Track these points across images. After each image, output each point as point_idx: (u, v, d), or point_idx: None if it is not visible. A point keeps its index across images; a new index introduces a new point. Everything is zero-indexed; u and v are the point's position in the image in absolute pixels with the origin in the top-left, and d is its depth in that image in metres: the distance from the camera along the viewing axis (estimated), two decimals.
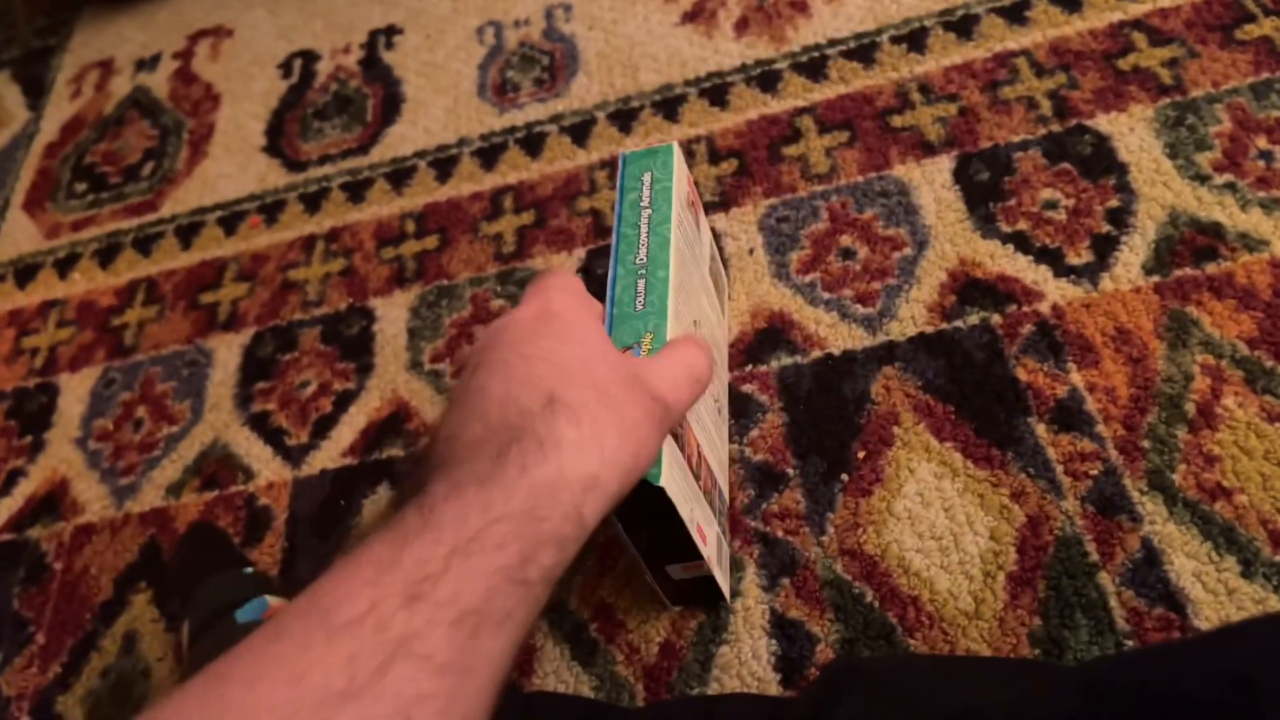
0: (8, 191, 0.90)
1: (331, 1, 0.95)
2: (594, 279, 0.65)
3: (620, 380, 0.34)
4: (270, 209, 0.80)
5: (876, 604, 0.49)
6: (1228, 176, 0.57)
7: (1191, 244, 0.55)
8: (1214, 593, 0.45)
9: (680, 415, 0.37)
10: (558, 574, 0.29)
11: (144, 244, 0.81)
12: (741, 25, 0.77)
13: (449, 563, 0.26)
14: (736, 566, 0.52)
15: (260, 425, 0.67)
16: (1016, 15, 0.69)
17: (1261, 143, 0.58)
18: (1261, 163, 0.57)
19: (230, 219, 0.80)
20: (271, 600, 0.53)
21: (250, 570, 0.57)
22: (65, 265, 0.82)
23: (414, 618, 0.25)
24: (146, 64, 0.97)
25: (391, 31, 0.90)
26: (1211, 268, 0.54)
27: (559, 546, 0.29)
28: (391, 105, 0.83)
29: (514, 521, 0.28)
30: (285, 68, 0.91)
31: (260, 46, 0.94)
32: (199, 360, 0.72)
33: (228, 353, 0.71)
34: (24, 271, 0.83)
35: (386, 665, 0.24)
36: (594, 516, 0.30)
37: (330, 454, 0.64)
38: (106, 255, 0.81)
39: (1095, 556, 0.47)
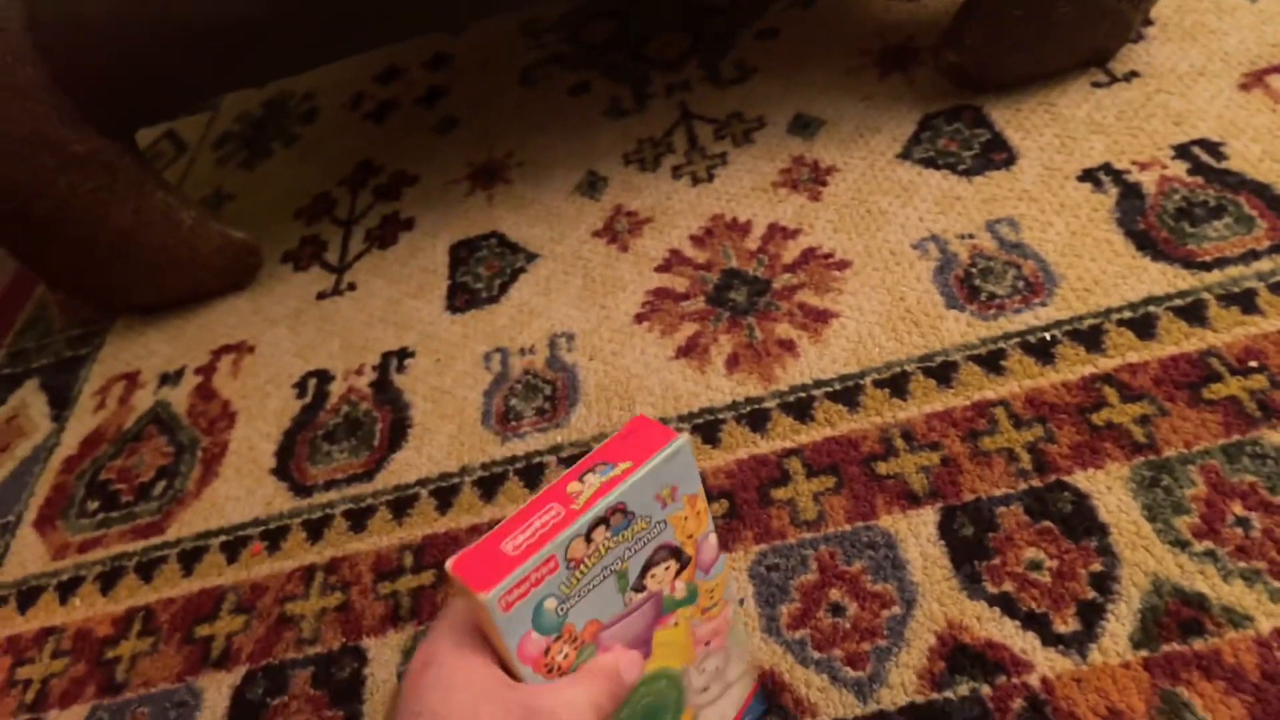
0: (21, 507, 0.93)
1: (348, 320, 1.01)
2: None
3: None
4: (274, 535, 0.81)
5: None
6: (1207, 544, 0.58)
7: (1177, 616, 0.55)
8: None
9: None
10: None
11: (147, 569, 0.82)
12: (732, 362, 0.81)
13: None
14: None
15: None
16: (993, 364, 0.72)
17: (1237, 508, 0.59)
18: (1239, 530, 0.58)
19: (233, 544, 0.82)
20: None
21: None
22: (67, 589, 0.83)
23: None
24: (170, 378, 1.02)
25: (404, 354, 0.94)
26: (1199, 644, 0.54)
27: None
28: (399, 430, 0.87)
29: None
30: (300, 387, 0.95)
31: (278, 364, 0.99)
32: (188, 702, 0.71)
33: (217, 694, 0.71)
34: (26, 594, 0.84)
35: None
36: None
37: None
38: (109, 580, 0.82)
39: None
